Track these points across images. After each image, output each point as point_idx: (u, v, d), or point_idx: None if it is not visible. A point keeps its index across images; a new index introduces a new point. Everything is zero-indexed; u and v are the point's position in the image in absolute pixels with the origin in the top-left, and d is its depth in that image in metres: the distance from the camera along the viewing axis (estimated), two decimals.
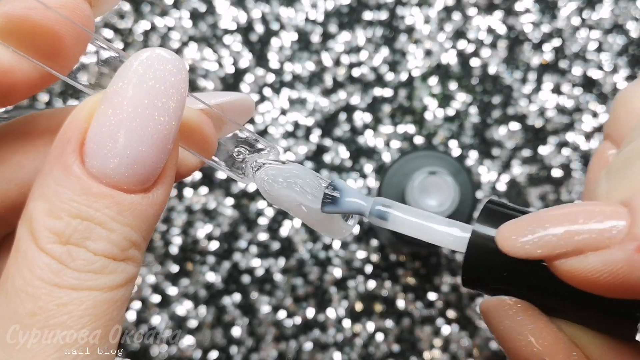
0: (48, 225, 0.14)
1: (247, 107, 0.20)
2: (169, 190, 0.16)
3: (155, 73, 0.14)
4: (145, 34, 0.50)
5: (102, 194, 0.14)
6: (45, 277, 0.14)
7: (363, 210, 0.19)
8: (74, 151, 0.14)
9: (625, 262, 0.14)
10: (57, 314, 0.13)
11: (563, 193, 0.49)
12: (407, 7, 0.51)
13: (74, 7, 0.16)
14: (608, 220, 0.14)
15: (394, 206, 0.18)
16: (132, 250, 0.15)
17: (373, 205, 0.18)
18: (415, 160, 0.42)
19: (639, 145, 0.16)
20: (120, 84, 0.14)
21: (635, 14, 0.51)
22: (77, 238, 0.14)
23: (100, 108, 0.14)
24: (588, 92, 0.50)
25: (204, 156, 0.18)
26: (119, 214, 0.14)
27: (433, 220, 0.18)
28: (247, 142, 0.19)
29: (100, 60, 0.17)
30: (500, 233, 0.16)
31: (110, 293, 0.14)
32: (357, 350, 0.47)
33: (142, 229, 0.15)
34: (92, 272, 0.14)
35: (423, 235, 0.18)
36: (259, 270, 0.48)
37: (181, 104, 0.15)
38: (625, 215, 0.14)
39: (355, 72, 0.50)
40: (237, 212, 0.48)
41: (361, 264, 0.48)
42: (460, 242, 0.17)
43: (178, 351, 0.46)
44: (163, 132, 0.14)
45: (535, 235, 0.15)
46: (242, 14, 0.50)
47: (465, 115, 0.50)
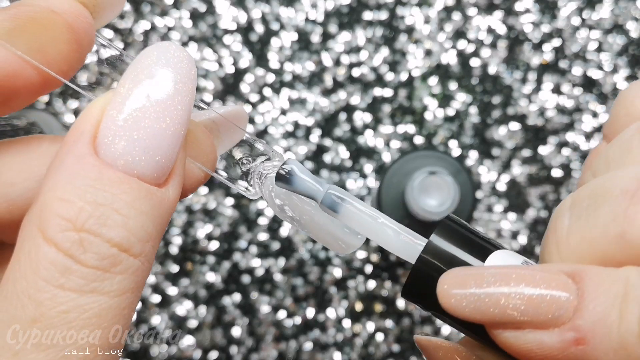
0: (60, 211, 0.13)
1: (241, 118, 0.19)
2: (179, 190, 0.15)
3: (167, 67, 0.14)
4: (145, 34, 0.50)
5: (118, 180, 0.13)
6: (50, 277, 0.13)
7: (316, 194, 0.17)
8: (88, 142, 0.14)
9: (560, 351, 0.13)
10: (58, 322, 0.13)
11: (563, 193, 0.49)
12: (407, 7, 0.51)
13: (77, 14, 0.16)
14: (554, 291, 0.14)
15: (349, 199, 0.17)
16: (147, 244, 0.14)
17: (327, 192, 0.17)
18: (415, 160, 0.42)
19: (608, 183, 0.15)
20: (133, 78, 0.14)
21: (635, 14, 0.51)
22: (92, 224, 0.13)
23: (113, 102, 0.14)
24: (588, 92, 0.50)
25: (207, 168, 0.18)
26: (136, 200, 0.14)
27: (386, 223, 0.17)
28: (250, 152, 0.19)
29: (103, 61, 0.17)
30: (442, 283, 0.15)
31: (118, 299, 0.13)
32: (357, 350, 0.47)
33: (157, 222, 0.14)
34: (102, 269, 0.13)
35: (373, 236, 0.17)
36: (259, 270, 0.48)
37: (192, 98, 0.15)
38: (573, 290, 0.14)
39: (355, 72, 0.50)
40: (237, 212, 0.48)
41: (361, 264, 0.48)
42: (409, 251, 0.17)
43: (178, 351, 0.46)
44: (175, 126, 0.14)
45: (476, 294, 0.14)
46: (242, 14, 0.50)
47: (465, 115, 0.50)
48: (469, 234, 0.16)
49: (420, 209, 0.38)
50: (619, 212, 0.14)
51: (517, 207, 0.49)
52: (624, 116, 0.18)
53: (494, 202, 0.49)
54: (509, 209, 0.49)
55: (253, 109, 0.49)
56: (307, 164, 0.49)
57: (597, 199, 0.15)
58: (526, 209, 0.49)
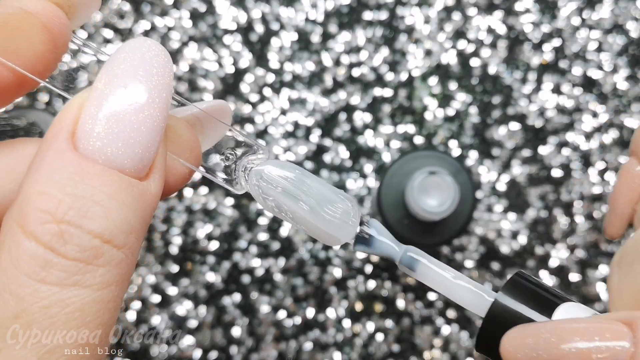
0: (39, 204, 0.13)
1: (224, 112, 0.19)
2: (161, 184, 0.15)
3: (142, 61, 0.14)
4: (145, 34, 0.50)
5: (98, 172, 0.13)
6: (30, 271, 0.13)
7: (394, 255, 0.19)
8: (66, 138, 0.14)
9: None
10: (40, 317, 0.12)
11: (563, 193, 0.49)
12: (407, 7, 0.51)
13: (52, 15, 0.16)
14: (608, 343, 0.14)
15: (424, 257, 0.18)
16: (130, 236, 0.14)
17: (405, 252, 0.18)
18: (415, 160, 0.42)
19: None
20: (110, 73, 0.14)
21: (635, 14, 0.51)
22: (72, 215, 0.13)
23: (90, 98, 0.14)
24: (588, 92, 0.50)
25: (192, 164, 0.17)
26: (117, 192, 0.13)
27: (460, 280, 0.18)
28: (234, 146, 0.19)
29: (79, 62, 0.17)
30: (503, 344, 0.16)
31: (102, 292, 0.13)
32: (357, 350, 0.47)
33: (139, 214, 0.14)
34: (84, 261, 0.13)
35: (447, 292, 0.18)
36: (259, 270, 0.48)
37: (169, 91, 0.15)
38: (629, 338, 0.14)
39: (355, 72, 0.50)
40: (237, 212, 0.48)
41: (361, 264, 0.48)
42: (481, 307, 0.18)
43: (178, 351, 0.46)
44: (153, 119, 0.14)
45: (535, 353, 0.15)
46: (242, 14, 0.50)
47: (465, 115, 0.50)
48: (537, 289, 0.17)
49: (420, 209, 0.38)
50: None
51: (517, 207, 0.49)
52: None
53: (494, 202, 0.49)
54: (509, 209, 0.49)
55: (253, 109, 0.49)
56: (307, 164, 0.49)
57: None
58: (526, 209, 0.49)
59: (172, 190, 0.18)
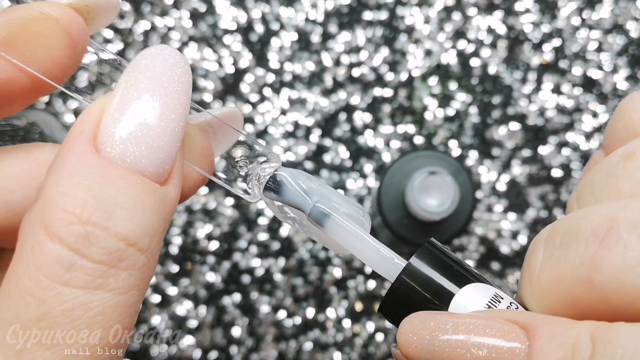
0: (64, 205, 0.13)
1: (236, 119, 0.19)
2: (179, 190, 0.15)
3: (164, 67, 0.14)
4: (145, 34, 0.50)
5: (121, 175, 0.13)
6: (54, 274, 0.12)
7: (305, 206, 0.18)
8: (88, 141, 0.14)
9: None
10: (63, 321, 0.12)
11: (563, 193, 0.49)
12: (407, 7, 0.51)
13: (71, 21, 0.16)
14: (507, 342, 0.14)
15: (335, 214, 0.18)
16: (154, 239, 0.14)
17: (314, 205, 0.18)
18: (415, 160, 0.42)
19: (581, 221, 0.15)
20: (132, 78, 0.14)
21: (635, 14, 0.51)
22: (98, 217, 0.13)
23: (112, 102, 0.14)
24: (588, 92, 0.50)
25: (205, 171, 0.17)
26: (140, 194, 0.13)
27: (368, 242, 0.18)
28: (247, 153, 0.19)
29: (98, 66, 0.17)
30: (401, 331, 0.16)
31: (124, 296, 0.13)
32: (357, 350, 0.47)
33: (161, 218, 0.14)
34: (108, 264, 0.13)
35: (356, 252, 0.18)
36: (259, 270, 0.48)
37: (189, 96, 0.15)
38: (524, 342, 0.14)
39: (355, 72, 0.50)
40: (237, 212, 0.48)
41: (361, 264, 0.48)
42: (389, 270, 0.17)
43: (178, 351, 0.46)
44: (174, 123, 0.14)
45: (431, 345, 0.15)
46: (242, 14, 0.50)
47: (465, 115, 0.50)
48: (448, 260, 0.17)
49: (420, 209, 0.38)
50: (588, 255, 0.14)
51: (517, 207, 0.49)
52: (621, 129, 0.17)
53: (494, 202, 0.49)
54: (509, 209, 0.49)
55: (253, 109, 0.49)
56: (307, 164, 0.49)
57: (570, 238, 0.15)
58: (526, 209, 0.49)
59: (186, 196, 0.18)
